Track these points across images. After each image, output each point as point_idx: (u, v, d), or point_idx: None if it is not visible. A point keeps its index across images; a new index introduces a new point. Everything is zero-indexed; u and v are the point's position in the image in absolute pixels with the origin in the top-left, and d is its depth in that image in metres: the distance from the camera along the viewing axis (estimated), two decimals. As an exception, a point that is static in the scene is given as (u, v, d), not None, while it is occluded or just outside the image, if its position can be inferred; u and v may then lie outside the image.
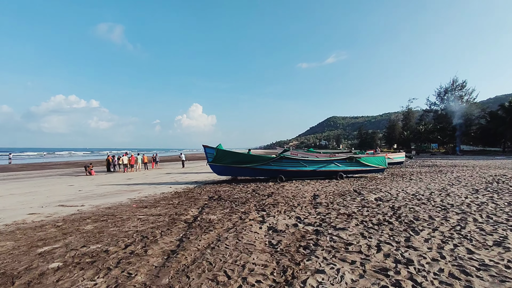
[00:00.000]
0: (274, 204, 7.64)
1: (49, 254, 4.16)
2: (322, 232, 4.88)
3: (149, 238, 4.81)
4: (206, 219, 6.15)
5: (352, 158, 13.63)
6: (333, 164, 13.43)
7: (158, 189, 12.11)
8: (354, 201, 7.93)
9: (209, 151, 13.39)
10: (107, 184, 14.32)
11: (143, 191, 11.56)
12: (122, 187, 12.90)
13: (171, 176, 18.56)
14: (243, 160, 13.12)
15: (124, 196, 10.26)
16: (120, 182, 15.59)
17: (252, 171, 13.29)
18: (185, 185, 13.36)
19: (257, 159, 13.12)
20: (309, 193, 9.60)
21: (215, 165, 13.32)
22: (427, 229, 4.94)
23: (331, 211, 6.61)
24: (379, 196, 8.55)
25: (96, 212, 7.33)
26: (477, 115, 53.94)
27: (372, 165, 13.84)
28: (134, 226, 5.71)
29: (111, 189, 12.28)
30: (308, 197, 8.79)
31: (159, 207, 7.82)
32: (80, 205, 8.51)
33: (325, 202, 7.85)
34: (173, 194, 10.28)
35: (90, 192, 11.44)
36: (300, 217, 6.11)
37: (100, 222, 6.13)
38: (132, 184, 14.26)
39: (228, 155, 13.24)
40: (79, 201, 9.29)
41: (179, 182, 14.53)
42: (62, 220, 6.46)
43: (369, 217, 5.92)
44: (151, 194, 10.44)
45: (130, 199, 9.50)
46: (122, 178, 17.71)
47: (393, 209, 6.72)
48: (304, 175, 13.37)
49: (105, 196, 10.40)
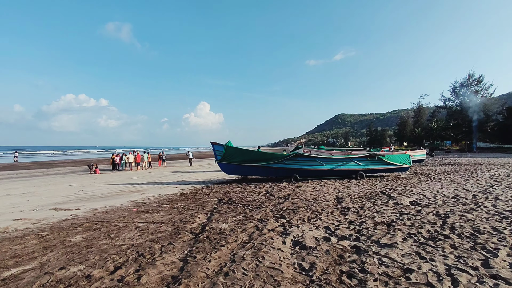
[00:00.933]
0: (294, 210, 6.58)
1: (14, 280, 3.21)
2: (365, 250, 3.81)
3: (146, 257, 3.82)
4: (216, 228, 5.14)
5: (374, 156, 12.44)
6: (353, 163, 12.27)
7: (163, 189, 11.20)
8: (386, 205, 6.81)
9: (217, 149, 12.40)
10: (110, 184, 13.50)
11: (147, 191, 10.66)
12: (125, 187, 12.04)
13: (177, 175, 17.68)
14: (254, 158, 12.09)
15: (125, 197, 9.36)
16: (124, 181, 14.76)
17: (264, 170, 12.24)
18: (192, 185, 12.42)
19: (270, 157, 12.06)
20: (330, 195, 8.50)
21: (224, 163, 12.33)
22: (503, 247, 3.82)
23: (364, 219, 5.52)
24: (414, 200, 7.40)
25: (90, 218, 6.41)
26: (495, 110, 51.60)
27: (396, 164, 12.63)
28: (130, 238, 4.74)
29: (112, 190, 11.42)
30: (331, 200, 7.71)
31: (162, 211, 6.86)
32: (76, 209, 7.63)
33: (353, 207, 6.76)
34: (179, 196, 9.33)
35: (90, 193, 10.60)
36: (330, 227, 5.04)
37: (92, 232, 5.19)
38: (136, 183, 13.40)
39: (238, 153, 12.23)
40: (75, 204, 8.42)
41: (185, 182, 13.60)
42: (49, 229, 5.55)
43: (416, 228, 4.81)
44: (155, 196, 9.52)
45: (131, 201, 8.59)
46: (126, 177, 16.92)
47: (439, 216, 5.59)
48: (321, 174, 12.26)
49: (105, 197, 9.52)
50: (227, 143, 12.44)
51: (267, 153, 12.36)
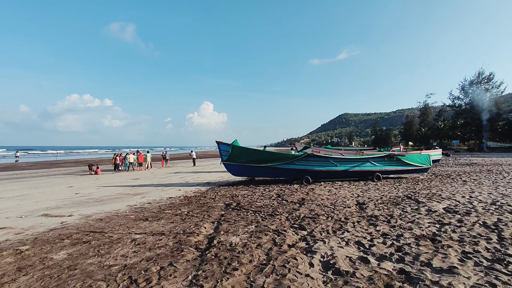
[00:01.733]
0: (314, 218, 5.75)
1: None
2: (419, 278, 2.97)
3: (140, 285, 3.02)
4: (225, 243, 4.33)
5: (393, 156, 11.54)
6: (369, 163, 11.39)
7: (165, 192, 10.42)
8: (418, 213, 5.95)
9: (223, 148, 11.60)
10: (110, 186, 12.77)
11: (148, 194, 9.89)
12: (125, 190, 11.29)
13: (181, 176, 16.92)
14: (262, 159, 11.26)
15: (124, 201, 8.60)
16: (124, 183, 14.03)
17: (273, 171, 11.41)
18: (196, 187, 11.63)
19: (279, 157, 11.22)
20: (350, 200, 7.65)
21: (231, 164, 11.52)
22: None
23: (400, 231, 4.67)
24: (448, 206, 6.52)
25: (82, 227, 5.64)
26: (505, 109, 50.16)
27: (416, 164, 11.72)
28: (123, 255, 3.95)
29: (112, 192, 10.67)
30: (353, 206, 6.86)
31: (163, 219, 6.07)
32: (68, 215, 6.87)
33: (381, 214, 5.90)
34: (182, 200, 8.54)
35: (87, 196, 9.86)
36: (362, 242, 4.20)
37: (80, 246, 4.41)
38: (137, 185, 12.65)
39: (245, 153, 11.41)
40: (69, 209, 7.67)
41: (189, 184, 12.83)
42: (32, 241, 4.78)
43: (469, 245, 3.95)
44: (156, 200, 8.74)
45: (130, 206, 7.81)
46: (128, 178, 16.21)
47: (490, 228, 4.71)
48: (334, 176, 11.40)
49: (102, 201, 8.76)
50: (234, 142, 11.64)
51: (276, 153, 11.53)
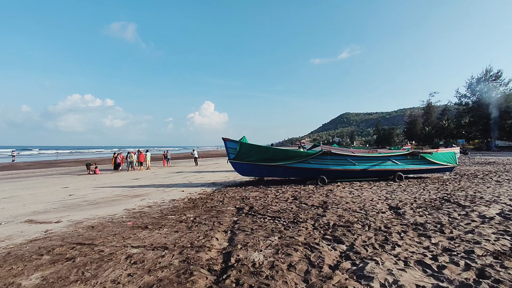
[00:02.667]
0: (347, 226, 4.78)
1: None
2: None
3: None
4: (246, 262, 3.37)
5: (416, 154, 10.54)
6: (390, 162, 10.39)
7: (167, 193, 9.48)
8: (471, 220, 4.97)
9: (230, 146, 10.64)
10: (108, 186, 11.84)
11: (149, 196, 8.95)
12: (123, 191, 10.35)
13: (183, 175, 15.97)
14: (274, 157, 10.28)
15: (121, 205, 7.65)
16: (124, 183, 13.10)
17: (286, 171, 10.43)
18: (200, 187, 10.68)
19: (293, 155, 10.24)
20: (380, 203, 6.67)
21: (238, 163, 10.56)
22: None
23: (464, 245, 3.70)
24: (501, 211, 5.54)
25: (69, 237, 4.70)
26: (515, 107, 48.99)
27: (441, 163, 10.72)
28: (114, 280, 3.00)
29: (109, 194, 9.73)
30: (386, 211, 5.88)
31: (165, 227, 5.11)
32: (55, 221, 5.93)
33: (426, 222, 4.92)
34: (187, 203, 7.59)
35: (82, 198, 8.92)
36: (424, 261, 3.23)
37: (61, 265, 3.46)
38: (137, 186, 11.70)
39: (255, 151, 10.43)
40: (58, 213, 6.73)
41: (193, 184, 11.87)
42: (2, 258, 3.84)
43: None
44: (157, 202, 7.79)
45: (127, 210, 6.87)
46: (127, 178, 15.27)
47: None
48: (352, 175, 10.42)
49: (97, 204, 7.82)
50: (242, 139, 10.67)
51: (289, 150, 10.54)
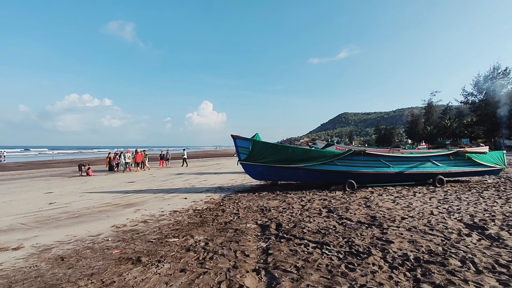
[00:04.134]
0: (440, 264, 3.21)
1: None
2: None
3: None
4: None
5: (461, 154, 8.98)
6: (430, 163, 8.84)
7: (167, 201, 7.89)
8: None
9: (241, 145, 9.06)
10: (98, 191, 10.22)
11: (144, 205, 7.35)
12: (115, 198, 8.74)
13: (184, 178, 14.35)
14: (293, 158, 8.70)
15: (110, 218, 6.05)
16: (117, 187, 11.49)
17: (307, 174, 8.85)
18: (206, 193, 9.09)
19: (316, 155, 8.66)
20: (446, 219, 5.11)
21: (251, 164, 8.98)
22: None
23: None
24: None
25: (19, 280, 3.10)
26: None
27: (489, 165, 9.19)
28: None
29: (97, 201, 8.12)
30: (470, 232, 4.31)
31: (166, 260, 3.53)
32: (15, 246, 4.33)
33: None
34: (192, 216, 6.00)
35: (63, 208, 7.31)
36: None
37: None
38: (132, 191, 10.09)
39: (271, 150, 8.85)
40: (24, 232, 5.12)
41: (196, 189, 10.28)
42: None
43: None
44: (155, 215, 6.20)
45: (116, 227, 5.27)
46: (122, 181, 13.65)
47: None
48: (386, 179, 8.88)
49: (79, 218, 6.20)
50: (254, 136, 9.10)
51: (312, 150, 8.94)
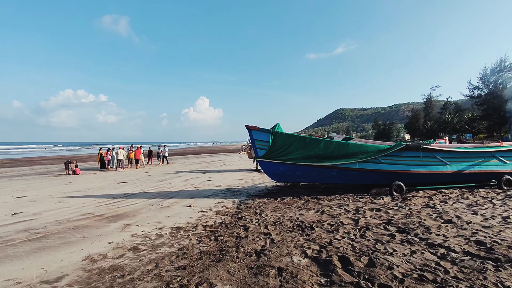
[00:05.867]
0: None
1: None
2: None
3: None
4: None
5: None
6: (495, 160, 7.07)
7: (166, 211, 6.05)
8: None
9: (258, 138, 7.23)
10: (81, 195, 8.35)
11: (136, 218, 5.52)
12: (100, 205, 6.88)
13: (184, 177, 12.50)
14: (326, 154, 6.87)
15: (85, 242, 4.20)
16: (105, 189, 9.63)
17: (343, 175, 7.03)
18: (214, 198, 7.28)
19: (356, 150, 6.80)
20: None
21: (272, 162, 7.14)
22: None
23: None
24: None
25: None
26: (532, 99, 46.35)
27: None
28: None
29: (76, 211, 6.26)
30: None
31: None
32: None
33: None
34: (203, 237, 4.18)
35: (27, 222, 5.44)
36: None
37: None
38: (122, 195, 8.24)
39: (298, 145, 7.01)
40: None
41: (201, 192, 8.45)
42: None
43: None
44: (151, 236, 4.37)
45: (91, 260, 3.45)
46: (113, 181, 11.78)
47: None
48: (441, 180, 7.11)
49: (41, 241, 4.34)
50: (275, 127, 7.26)
51: (350, 144, 7.01)
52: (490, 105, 49.63)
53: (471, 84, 53.64)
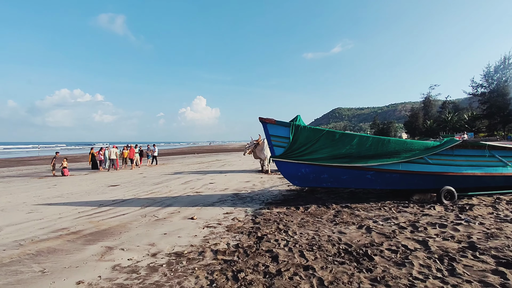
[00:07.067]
0: None
1: None
2: None
3: None
4: None
5: None
6: None
7: (161, 225, 4.73)
8: None
9: (275, 132, 5.93)
10: (61, 203, 6.99)
11: (122, 237, 4.19)
12: (80, 216, 5.53)
13: (183, 179, 11.15)
14: (361, 152, 5.58)
15: (44, 278, 2.88)
16: (92, 193, 8.27)
17: (380, 178, 5.71)
18: (221, 206, 5.96)
19: (398, 148, 5.43)
20: None
21: (292, 163, 5.83)
22: None
23: None
24: None
25: None
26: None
27: None
28: None
29: (47, 226, 4.92)
30: None
31: None
32: None
33: None
34: (215, 272, 2.86)
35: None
36: None
37: None
38: (111, 202, 6.89)
39: (325, 141, 5.70)
40: None
41: (205, 198, 7.12)
42: None
43: None
44: (140, 267, 3.05)
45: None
46: (102, 184, 10.42)
47: None
48: (498, 184, 5.86)
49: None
50: (296, 119, 5.96)
51: (392, 140, 5.66)
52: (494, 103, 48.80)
53: (474, 82, 52.83)
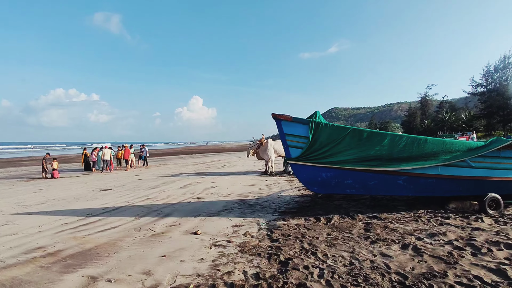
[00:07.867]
0: None
1: None
2: None
3: None
4: None
5: None
6: None
7: (159, 242, 3.89)
8: None
9: (291, 131, 5.11)
10: (44, 212, 6.11)
11: (111, 260, 3.35)
12: (63, 230, 4.67)
13: (182, 182, 10.29)
14: (393, 153, 4.76)
15: None
16: (81, 199, 7.38)
17: (414, 184, 4.89)
18: (227, 216, 5.13)
19: (435, 149, 4.62)
20: None
21: (312, 166, 5.02)
22: None
23: None
24: None
25: None
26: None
27: None
28: None
29: (21, 242, 4.07)
30: None
31: None
32: None
33: None
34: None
35: None
36: None
37: None
38: (101, 210, 6.03)
39: (351, 141, 4.87)
40: None
41: (208, 206, 6.28)
42: None
43: None
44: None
45: None
46: (93, 188, 9.53)
47: None
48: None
49: None
50: (315, 116, 5.17)
51: (429, 139, 4.83)
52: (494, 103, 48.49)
53: (474, 81, 52.51)
